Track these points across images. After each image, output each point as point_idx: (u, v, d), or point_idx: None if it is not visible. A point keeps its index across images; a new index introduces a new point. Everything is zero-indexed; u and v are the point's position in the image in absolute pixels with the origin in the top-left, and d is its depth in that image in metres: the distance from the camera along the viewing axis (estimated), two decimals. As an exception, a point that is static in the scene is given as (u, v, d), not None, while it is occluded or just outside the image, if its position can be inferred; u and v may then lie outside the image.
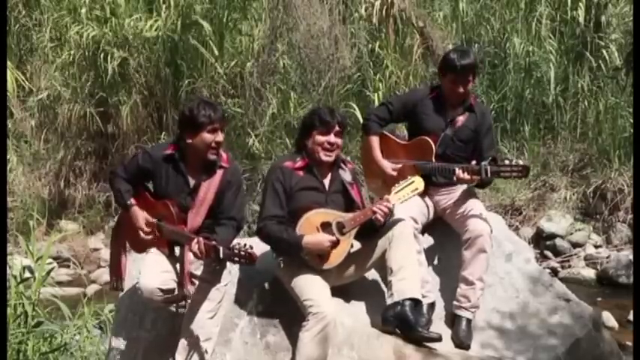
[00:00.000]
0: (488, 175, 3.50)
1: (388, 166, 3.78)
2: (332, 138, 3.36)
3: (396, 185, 3.38)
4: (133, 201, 3.29)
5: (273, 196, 3.32)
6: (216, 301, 3.26)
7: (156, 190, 3.33)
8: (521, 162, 3.52)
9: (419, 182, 3.38)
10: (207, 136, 3.20)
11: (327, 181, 3.43)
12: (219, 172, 3.28)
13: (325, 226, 3.28)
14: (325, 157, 3.36)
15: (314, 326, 3.08)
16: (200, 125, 3.20)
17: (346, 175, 3.46)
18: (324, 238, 3.24)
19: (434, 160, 3.66)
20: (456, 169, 3.54)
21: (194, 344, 3.21)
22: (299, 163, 3.40)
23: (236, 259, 2.96)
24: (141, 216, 3.25)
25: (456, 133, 3.69)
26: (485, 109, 3.94)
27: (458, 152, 3.70)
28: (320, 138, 3.35)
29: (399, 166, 3.75)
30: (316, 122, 3.36)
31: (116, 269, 3.48)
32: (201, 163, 3.27)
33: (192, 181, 3.28)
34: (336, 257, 3.30)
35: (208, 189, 3.25)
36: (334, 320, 3.12)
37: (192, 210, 3.24)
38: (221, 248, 2.98)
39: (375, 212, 3.26)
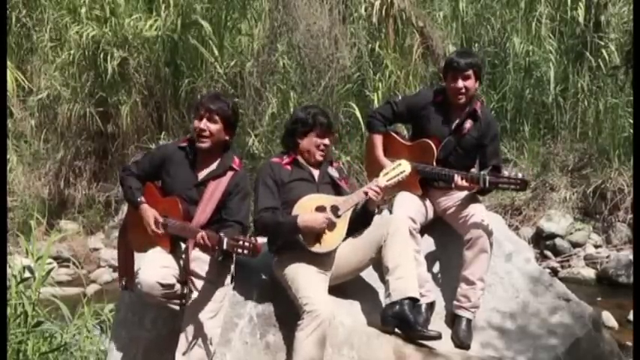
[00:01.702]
0: (487, 185, 3.52)
1: (389, 166, 3.78)
2: (327, 140, 3.50)
3: (385, 169, 3.46)
4: (142, 198, 3.31)
5: (265, 189, 3.38)
6: (218, 301, 3.25)
7: (164, 183, 3.36)
8: (520, 175, 3.55)
9: (405, 165, 3.43)
10: (195, 122, 3.31)
11: (315, 174, 3.51)
12: (229, 174, 3.31)
13: (320, 210, 3.33)
14: (320, 157, 3.50)
15: (308, 324, 3.08)
16: (194, 114, 3.35)
17: (333, 173, 3.54)
18: (321, 215, 3.29)
19: (434, 163, 3.67)
20: (455, 175, 3.54)
21: (195, 344, 3.20)
22: (286, 159, 3.49)
23: (239, 250, 2.96)
24: (150, 213, 3.26)
25: (459, 141, 3.69)
26: (492, 118, 3.90)
27: (460, 160, 3.69)
28: (317, 140, 3.47)
29: None
30: (317, 125, 3.46)
31: (125, 269, 3.48)
32: (209, 156, 3.31)
33: (200, 175, 3.31)
34: (333, 240, 3.33)
35: (216, 187, 3.27)
36: (329, 318, 3.12)
37: (198, 207, 3.25)
38: (225, 239, 2.99)
39: (366, 193, 3.32)
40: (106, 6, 8.89)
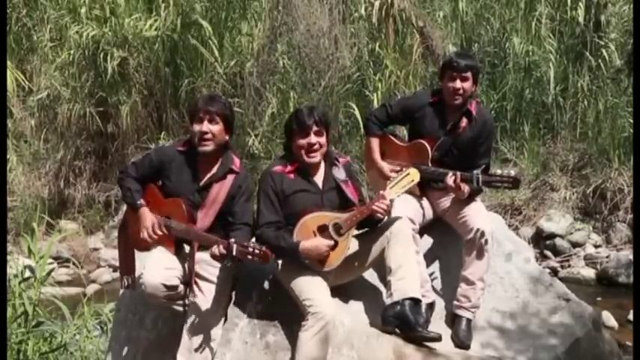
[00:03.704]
0: (480, 183, 3.52)
1: (386, 168, 3.79)
2: (312, 139, 3.30)
3: (392, 179, 3.38)
4: (142, 201, 3.28)
5: (267, 202, 3.31)
6: (221, 302, 3.26)
7: (166, 187, 3.33)
8: (513, 172, 3.54)
9: (414, 174, 3.36)
10: (194, 126, 3.25)
11: (319, 181, 3.40)
12: (231, 177, 3.28)
13: (322, 230, 3.26)
14: (309, 159, 3.32)
15: (313, 326, 3.08)
16: (190, 116, 3.31)
17: (339, 174, 3.42)
18: (321, 243, 3.23)
19: (430, 164, 3.66)
20: (447, 176, 3.53)
21: (197, 345, 3.20)
22: (289, 167, 3.37)
23: (249, 256, 2.96)
24: (149, 217, 3.23)
25: (455, 141, 3.68)
26: (489, 117, 3.90)
27: (456, 160, 3.67)
28: (300, 141, 3.30)
29: (397, 168, 3.75)
30: (294, 126, 3.32)
31: (126, 268, 3.47)
32: (210, 159, 3.29)
33: (202, 179, 3.29)
34: (336, 258, 3.29)
35: (219, 191, 3.25)
36: (333, 320, 3.12)
37: (201, 210, 3.24)
38: (234, 246, 2.98)
39: (372, 211, 3.26)
40: (106, 6, 8.89)
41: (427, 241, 3.78)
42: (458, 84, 3.60)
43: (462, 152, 3.69)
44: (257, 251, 2.95)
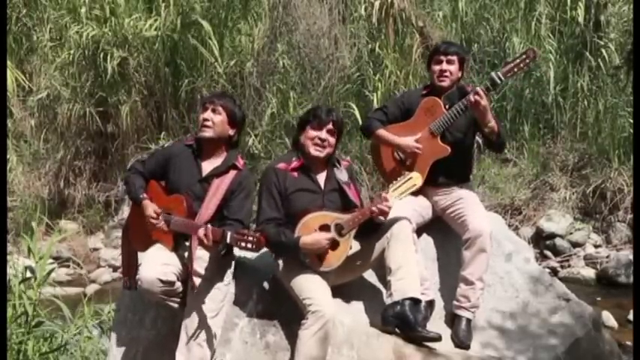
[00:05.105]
0: (502, 78, 3.59)
1: (411, 140, 3.73)
2: (323, 134, 3.36)
3: (394, 182, 3.37)
4: (145, 195, 3.33)
5: (269, 198, 3.34)
6: (219, 301, 3.27)
7: (170, 183, 3.37)
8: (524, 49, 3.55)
9: (417, 178, 3.37)
10: (200, 116, 3.39)
11: (322, 181, 3.42)
12: (233, 172, 3.33)
13: (324, 229, 3.28)
14: (315, 151, 3.37)
15: (313, 325, 3.08)
16: (200, 110, 3.44)
17: (342, 175, 3.45)
18: (322, 237, 3.24)
19: (445, 110, 3.67)
20: (469, 95, 3.53)
21: (196, 344, 3.21)
22: (294, 164, 3.40)
23: (243, 243, 2.98)
24: (150, 207, 3.27)
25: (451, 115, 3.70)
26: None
27: (457, 141, 3.70)
28: (312, 132, 3.37)
29: (419, 135, 3.72)
30: (310, 117, 3.41)
31: (128, 268, 3.49)
32: (214, 152, 3.35)
33: (204, 170, 3.34)
34: (336, 259, 3.30)
35: (220, 185, 3.29)
36: (333, 319, 3.12)
37: (202, 203, 3.26)
38: (229, 233, 3.01)
39: (373, 212, 3.26)
40: (106, 6, 8.88)
41: (427, 241, 3.79)
42: (444, 65, 3.71)
43: (464, 135, 3.74)
44: (251, 237, 2.97)
